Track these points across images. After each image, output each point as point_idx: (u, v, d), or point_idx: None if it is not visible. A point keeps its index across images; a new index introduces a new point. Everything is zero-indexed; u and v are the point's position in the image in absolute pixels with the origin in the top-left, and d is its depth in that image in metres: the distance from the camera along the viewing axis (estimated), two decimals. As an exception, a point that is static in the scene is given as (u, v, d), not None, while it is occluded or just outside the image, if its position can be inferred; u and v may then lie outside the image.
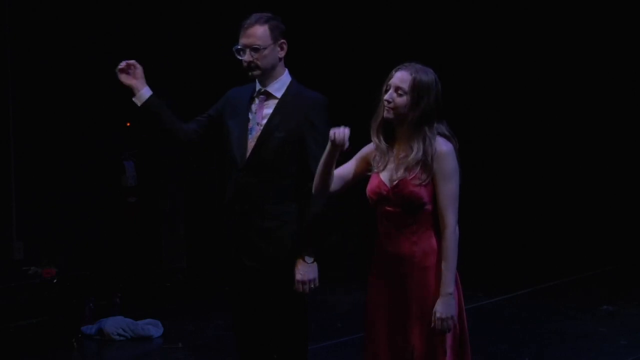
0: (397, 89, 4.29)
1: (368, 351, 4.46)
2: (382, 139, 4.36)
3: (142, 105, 4.95)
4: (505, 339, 7.89)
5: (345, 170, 4.44)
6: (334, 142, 4.20)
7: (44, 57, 9.27)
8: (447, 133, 4.34)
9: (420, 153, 4.27)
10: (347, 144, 4.21)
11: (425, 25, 11.58)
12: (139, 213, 10.18)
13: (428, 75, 4.32)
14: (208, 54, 9.84)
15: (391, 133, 4.38)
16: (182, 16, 10.19)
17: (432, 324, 4.25)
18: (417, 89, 4.28)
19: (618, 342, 7.73)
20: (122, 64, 4.93)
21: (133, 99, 4.96)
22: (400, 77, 4.30)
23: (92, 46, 9.57)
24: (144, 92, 4.95)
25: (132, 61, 4.93)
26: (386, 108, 4.30)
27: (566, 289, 9.90)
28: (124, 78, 4.94)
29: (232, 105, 5.06)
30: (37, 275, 7.96)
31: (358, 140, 4.47)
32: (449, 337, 4.30)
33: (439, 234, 4.32)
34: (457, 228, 4.30)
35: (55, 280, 7.86)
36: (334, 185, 4.41)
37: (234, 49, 4.95)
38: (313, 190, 4.43)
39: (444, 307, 4.25)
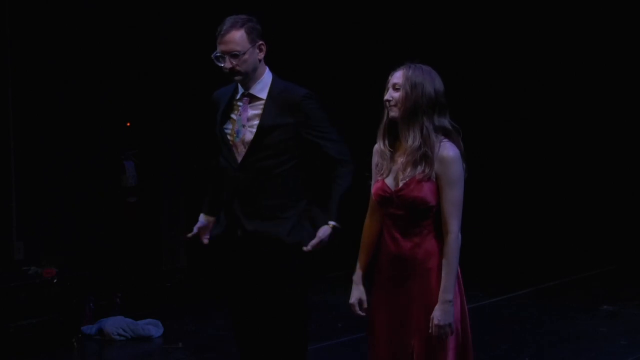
0: (393, 85, 4.32)
1: (372, 351, 4.46)
2: (386, 143, 4.36)
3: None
4: (505, 339, 7.89)
5: None
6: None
7: (44, 57, 9.26)
8: (449, 127, 4.33)
9: (418, 141, 4.26)
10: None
11: (425, 25, 11.58)
12: (139, 213, 10.17)
13: (422, 70, 4.33)
14: (208, 53, 9.82)
15: (394, 135, 4.37)
16: (181, 16, 10.18)
17: (430, 329, 4.25)
18: (409, 81, 4.29)
19: (618, 342, 7.72)
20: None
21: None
22: (396, 75, 4.34)
23: (92, 46, 9.57)
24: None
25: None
26: (389, 107, 4.31)
27: (566, 289, 9.89)
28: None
29: (217, 108, 5.04)
30: (37, 275, 7.94)
31: (358, 139, 4.47)
32: (451, 340, 4.29)
33: (441, 237, 4.32)
34: (459, 235, 4.30)
35: (55, 280, 7.85)
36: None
37: (212, 56, 4.91)
38: None
39: (442, 314, 4.24)
